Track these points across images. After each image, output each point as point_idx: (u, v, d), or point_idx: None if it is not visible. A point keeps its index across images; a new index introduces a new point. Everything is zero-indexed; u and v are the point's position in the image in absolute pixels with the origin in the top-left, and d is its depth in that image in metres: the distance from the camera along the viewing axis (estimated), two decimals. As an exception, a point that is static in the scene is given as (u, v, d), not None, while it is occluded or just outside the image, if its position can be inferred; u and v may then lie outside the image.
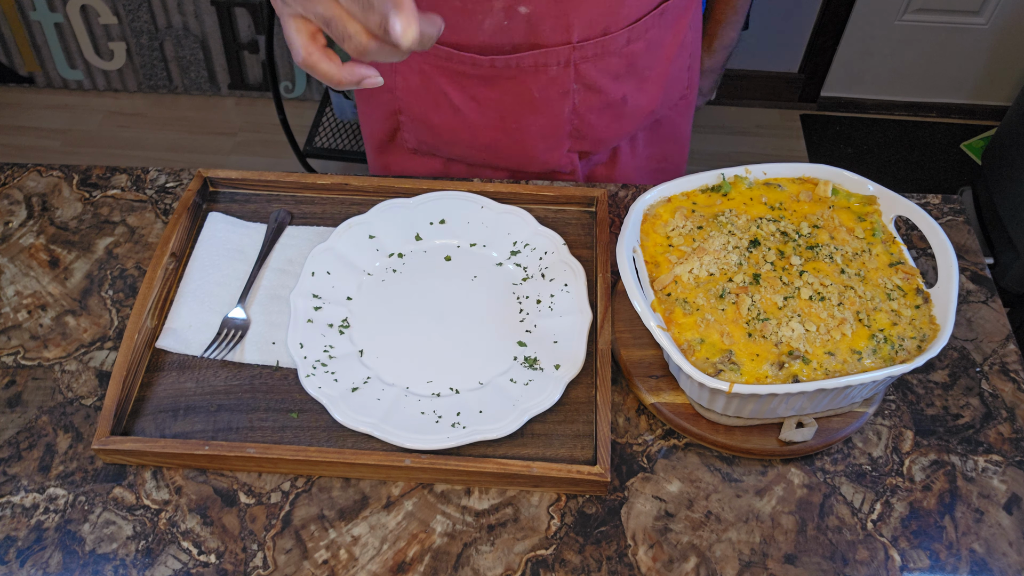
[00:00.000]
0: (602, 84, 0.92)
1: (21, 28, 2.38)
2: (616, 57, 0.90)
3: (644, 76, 0.95)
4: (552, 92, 0.91)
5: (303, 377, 0.75)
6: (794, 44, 2.37)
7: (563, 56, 0.87)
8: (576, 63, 0.89)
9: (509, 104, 0.93)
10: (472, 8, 0.82)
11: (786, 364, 0.68)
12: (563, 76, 0.90)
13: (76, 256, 0.88)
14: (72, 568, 0.69)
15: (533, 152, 0.98)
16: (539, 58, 0.87)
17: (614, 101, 0.95)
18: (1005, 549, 0.70)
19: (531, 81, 0.90)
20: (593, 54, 0.88)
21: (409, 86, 0.95)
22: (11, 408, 0.77)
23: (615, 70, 0.92)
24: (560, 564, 0.69)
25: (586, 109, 0.94)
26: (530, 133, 0.96)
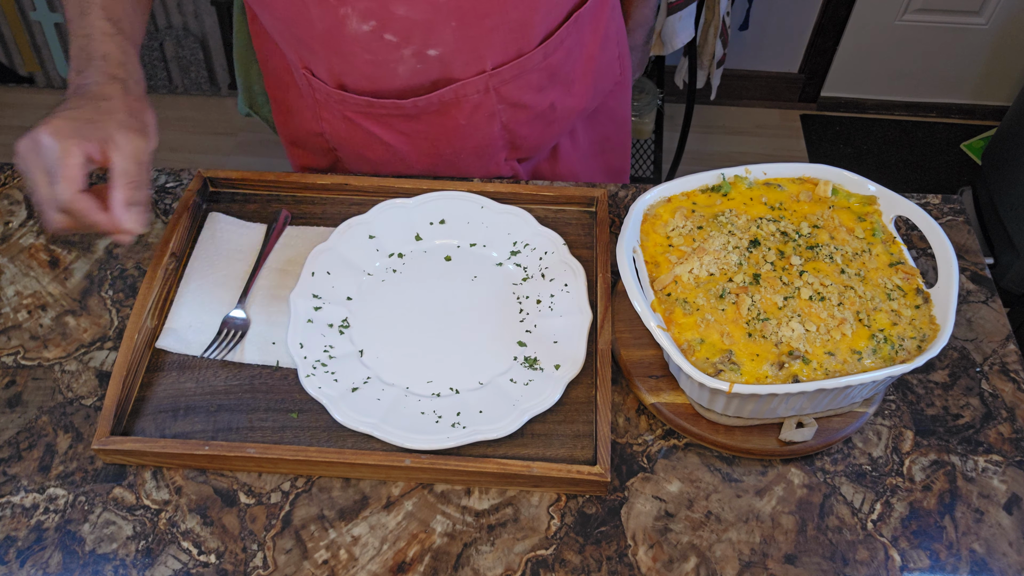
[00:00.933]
0: (526, 100, 0.92)
1: (21, 28, 2.38)
2: (536, 73, 0.90)
3: (569, 80, 0.95)
4: (478, 117, 0.91)
5: (303, 377, 0.75)
6: (794, 44, 2.37)
7: (480, 85, 0.87)
8: (496, 88, 0.88)
9: (438, 134, 0.92)
10: (383, 59, 0.82)
11: (786, 364, 0.68)
12: (486, 101, 0.89)
13: (76, 256, 0.88)
14: (72, 568, 0.69)
15: (470, 170, 0.98)
16: (458, 91, 0.87)
17: (543, 111, 0.95)
18: (1005, 549, 0.70)
19: (456, 111, 0.89)
20: (511, 76, 0.88)
21: (337, 131, 0.95)
22: (11, 408, 0.77)
23: (537, 84, 0.91)
24: (560, 564, 0.69)
25: (515, 124, 0.94)
26: (464, 154, 0.96)
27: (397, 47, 0.81)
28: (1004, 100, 2.46)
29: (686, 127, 2.11)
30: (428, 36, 0.80)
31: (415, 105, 0.87)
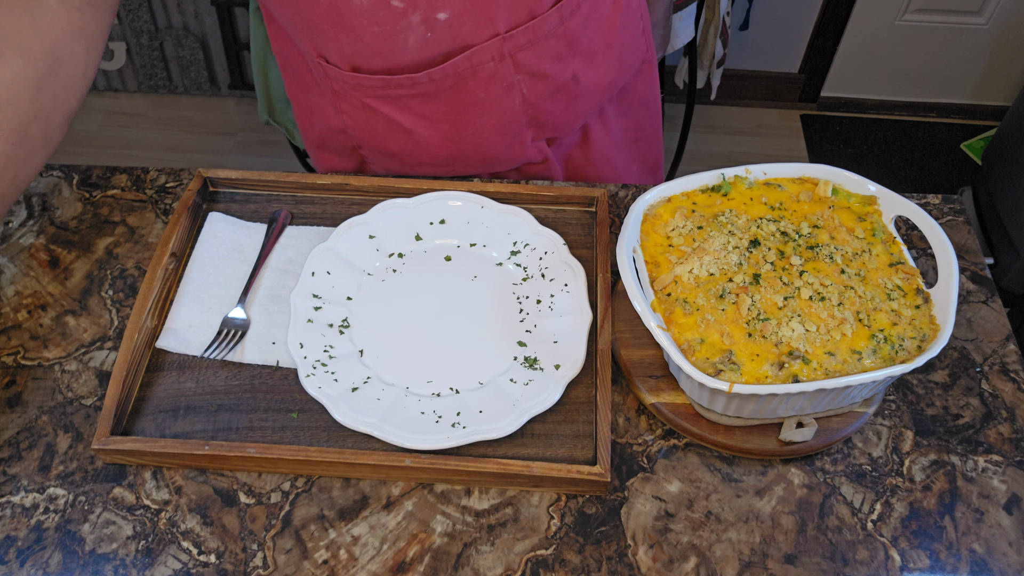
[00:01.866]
0: (545, 69, 0.89)
1: (21, 28, 2.37)
2: (552, 39, 0.87)
3: (591, 51, 0.92)
4: (496, 89, 0.88)
5: (303, 377, 0.75)
6: (794, 44, 2.37)
7: (495, 50, 0.84)
8: (511, 54, 0.86)
9: (457, 112, 0.90)
10: (391, 30, 0.81)
11: (786, 364, 0.68)
12: (502, 70, 0.87)
13: (76, 256, 0.88)
14: (72, 568, 0.69)
15: (495, 152, 0.95)
16: (472, 58, 0.84)
17: (564, 83, 0.92)
18: (1005, 549, 0.70)
19: (472, 83, 0.87)
20: (526, 41, 0.85)
21: (357, 123, 0.94)
22: (11, 408, 0.77)
23: (556, 52, 0.88)
24: (560, 564, 0.69)
25: (537, 97, 0.91)
26: (487, 134, 0.93)
27: (404, 13, 0.79)
28: (1004, 100, 2.46)
29: (686, 127, 2.11)
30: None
31: (430, 80, 0.85)
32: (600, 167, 1.07)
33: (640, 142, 1.12)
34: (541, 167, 1.01)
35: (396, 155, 0.96)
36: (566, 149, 1.04)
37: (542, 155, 0.99)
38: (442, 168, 0.97)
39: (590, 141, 1.05)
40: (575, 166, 1.06)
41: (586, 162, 1.06)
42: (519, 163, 0.99)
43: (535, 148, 0.98)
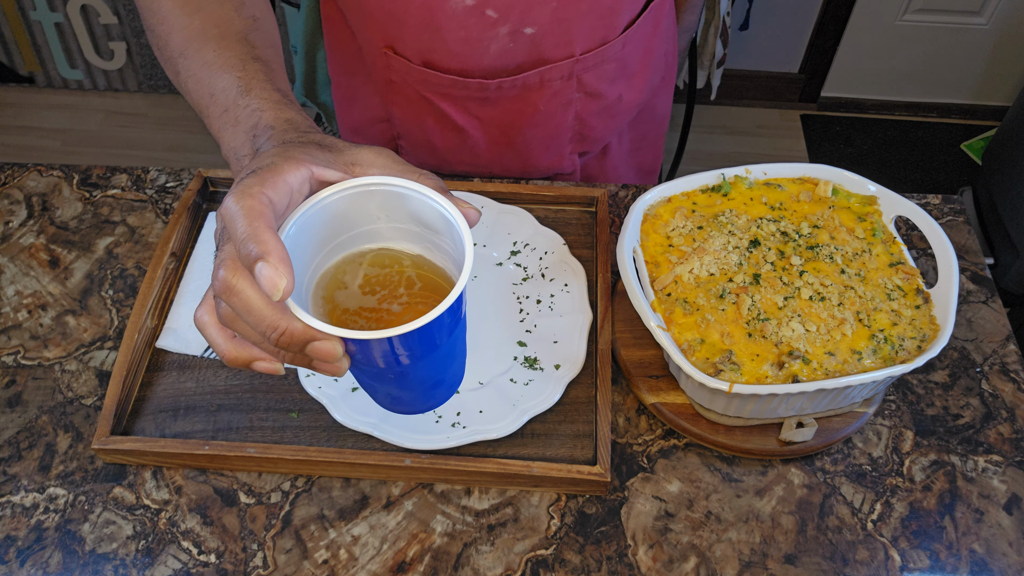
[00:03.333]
0: (601, 89, 0.93)
1: (21, 28, 2.38)
2: (613, 63, 0.92)
3: (632, 73, 0.97)
4: (555, 105, 0.92)
5: (303, 377, 0.75)
6: (794, 44, 2.37)
7: (566, 70, 0.88)
8: (578, 75, 0.90)
9: (513, 119, 0.93)
10: (477, 36, 0.83)
11: (786, 364, 0.68)
12: (566, 88, 0.90)
13: (76, 256, 0.88)
14: (72, 568, 0.69)
15: (536, 161, 0.99)
16: (544, 74, 0.88)
17: (610, 103, 0.96)
18: (1005, 549, 0.70)
19: (535, 97, 0.90)
20: (594, 64, 0.89)
21: (406, 116, 0.95)
22: (11, 408, 0.77)
23: (612, 74, 0.93)
24: (560, 564, 0.69)
25: (587, 114, 0.96)
26: (533, 144, 0.96)
27: (495, 24, 0.81)
28: (1004, 100, 2.46)
29: (686, 127, 2.10)
30: (527, 13, 0.81)
31: (499, 87, 0.88)
32: (609, 176, 1.11)
33: (641, 151, 1.15)
34: (568, 177, 1.05)
35: (438, 150, 0.98)
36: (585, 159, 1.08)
37: (573, 166, 1.03)
38: (479, 169, 0.99)
39: (608, 153, 1.08)
40: (589, 175, 1.10)
41: (600, 171, 1.09)
42: (553, 172, 1.02)
43: (571, 160, 1.02)
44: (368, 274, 0.54)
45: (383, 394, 0.58)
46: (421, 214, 0.52)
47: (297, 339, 0.47)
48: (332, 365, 0.49)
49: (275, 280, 0.45)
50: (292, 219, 0.49)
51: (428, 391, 0.57)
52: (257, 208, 0.46)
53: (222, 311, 0.50)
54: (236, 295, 0.47)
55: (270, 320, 0.47)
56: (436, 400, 0.59)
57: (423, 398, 0.58)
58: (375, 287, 0.54)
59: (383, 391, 0.57)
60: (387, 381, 0.54)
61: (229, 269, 0.47)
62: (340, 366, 0.49)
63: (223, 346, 0.51)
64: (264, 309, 0.47)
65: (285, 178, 0.48)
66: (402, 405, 0.59)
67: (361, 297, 0.53)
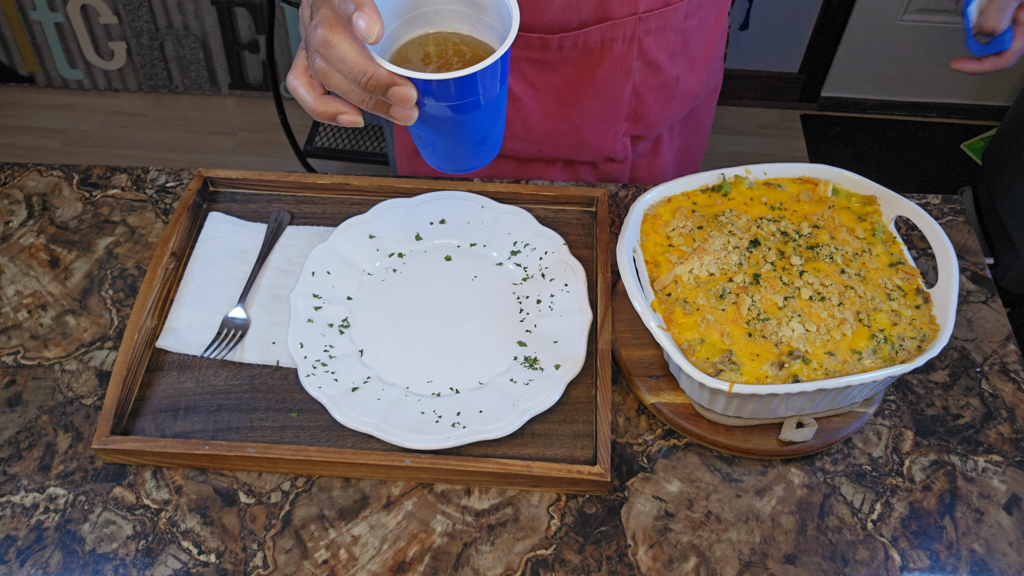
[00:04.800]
0: (661, 61, 0.92)
1: (21, 28, 2.38)
2: (674, 32, 0.91)
3: (693, 57, 0.96)
4: (615, 71, 0.91)
5: (303, 377, 0.75)
6: (794, 44, 2.37)
7: (629, 29, 0.87)
8: (640, 37, 0.89)
9: (570, 88, 0.92)
10: None
11: (786, 364, 0.68)
12: (627, 52, 0.90)
13: (76, 256, 0.88)
14: (72, 568, 0.69)
15: (589, 138, 0.98)
16: (606, 32, 0.87)
17: (669, 81, 0.96)
18: (1005, 549, 0.70)
19: (595, 61, 0.90)
20: (656, 27, 0.89)
21: None
22: (11, 408, 0.77)
23: (672, 47, 0.92)
24: (560, 564, 0.69)
25: (644, 88, 0.95)
26: (589, 117, 0.96)
27: None
28: (1004, 100, 2.46)
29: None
30: None
31: (560, 46, 0.87)
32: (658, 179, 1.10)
33: (683, 164, 1.15)
34: (619, 166, 1.03)
35: None
36: (637, 157, 1.07)
37: (625, 153, 1.02)
38: (531, 145, 0.99)
39: (659, 153, 1.07)
40: (639, 175, 1.09)
41: (648, 173, 1.09)
42: (604, 156, 1.01)
43: (622, 144, 1.01)
44: (427, 51, 0.65)
45: (440, 150, 0.68)
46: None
47: (383, 82, 0.56)
48: (406, 111, 0.58)
49: (370, 26, 0.54)
50: None
51: (477, 146, 0.67)
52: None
53: (317, 66, 0.59)
54: (332, 47, 0.56)
55: (361, 66, 0.56)
56: (483, 157, 0.69)
57: (473, 153, 0.68)
58: (434, 59, 0.64)
59: (440, 146, 0.67)
60: (445, 133, 0.64)
61: (327, 26, 0.56)
62: (412, 113, 0.59)
63: (313, 102, 0.61)
64: (356, 57, 0.56)
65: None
66: (455, 161, 0.69)
67: (423, 68, 0.64)
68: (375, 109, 0.60)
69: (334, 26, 0.56)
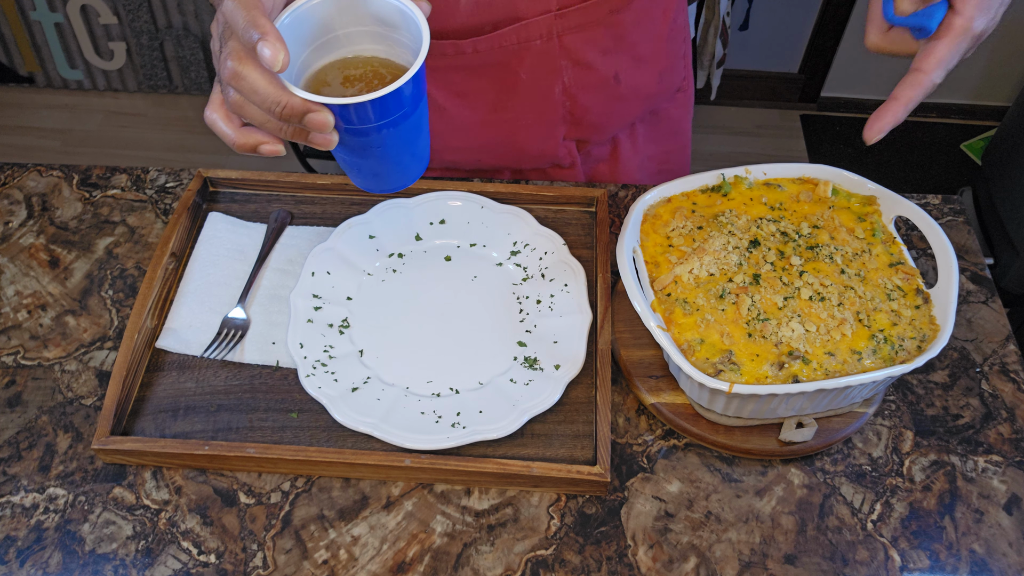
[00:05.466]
0: (591, 59, 0.89)
1: (21, 28, 2.38)
2: (602, 28, 0.87)
3: (636, 53, 0.92)
4: (540, 71, 0.88)
5: (303, 377, 0.75)
6: (794, 44, 2.37)
7: (545, 27, 0.84)
8: (560, 35, 0.85)
9: (497, 93, 0.89)
10: None
11: (786, 364, 0.68)
12: (549, 51, 0.86)
13: (76, 256, 0.88)
14: (72, 568, 0.69)
15: (526, 144, 0.95)
16: (521, 32, 0.84)
17: (606, 79, 0.92)
18: (1005, 549, 0.70)
19: (517, 62, 0.86)
20: (577, 24, 0.85)
21: None
22: (11, 408, 0.77)
23: (603, 43, 0.88)
24: (560, 564, 0.69)
25: (578, 88, 0.91)
26: (522, 122, 0.92)
27: None
28: (1004, 100, 2.46)
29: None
30: None
31: (475, 50, 0.84)
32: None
33: (664, 174, 1.11)
34: (567, 172, 1.00)
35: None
36: (594, 162, 1.04)
37: (571, 158, 0.99)
38: (469, 155, 0.96)
39: (618, 158, 1.04)
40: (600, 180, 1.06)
41: (611, 179, 1.06)
42: (548, 162, 0.98)
43: (565, 148, 0.97)
44: (347, 74, 0.65)
45: (367, 172, 0.67)
46: (382, 13, 0.63)
47: (297, 110, 0.56)
48: (324, 136, 0.58)
49: (275, 54, 0.53)
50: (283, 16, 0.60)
51: (401, 164, 0.67)
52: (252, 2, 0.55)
53: (231, 99, 0.58)
54: (243, 79, 0.56)
55: (274, 96, 0.56)
56: (410, 175, 0.69)
57: (398, 171, 0.68)
58: (354, 82, 0.64)
59: (366, 168, 0.66)
60: (369, 155, 0.64)
61: (235, 58, 0.56)
62: (331, 138, 0.58)
63: (232, 135, 0.60)
64: (268, 87, 0.56)
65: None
66: (382, 180, 0.69)
67: (343, 91, 0.64)
68: (294, 137, 0.59)
69: (242, 58, 0.56)
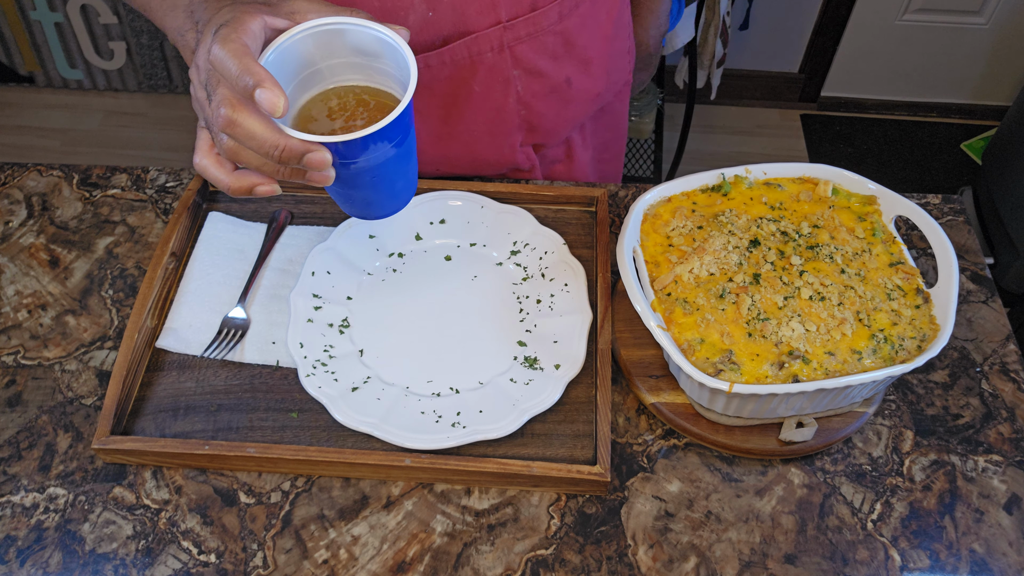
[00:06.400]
0: (542, 66, 0.89)
1: (21, 28, 2.38)
2: (551, 35, 0.87)
3: (585, 57, 0.93)
4: (492, 83, 0.88)
5: (303, 377, 0.75)
6: (794, 44, 2.37)
7: (495, 40, 0.84)
8: (510, 45, 0.85)
9: (450, 106, 0.89)
10: (392, 6, 0.79)
11: (786, 364, 0.68)
12: (500, 62, 0.86)
13: (76, 256, 0.88)
14: (72, 568, 0.69)
15: (484, 153, 0.95)
16: (471, 46, 0.84)
17: (558, 85, 0.92)
18: (1005, 549, 0.70)
19: (468, 76, 0.86)
20: (526, 33, 0.85)
21: None
22: (11, 408, 0.77)
23: (552, 50, 0.89)
24: (560, 564, 0.69)
25: (531, 96, 0.91)
26: (477, 133, 0.92)
27: None
28: (1004, 100, 2.46)
29: (686, 127, 2.11)
30: None
31: (427, 66, 0.84)
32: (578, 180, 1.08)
33: (602, 162, 1.12)
34: (527, 175, 1.01)
35: None
36: (550, 164, 1.04)
37: (530, 162, 0.99)
38: (429, 166, 0.96)
39: (573, 157, 1.05)
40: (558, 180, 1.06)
41: (568, 178, 1.06)
42: (507, 168, 0.98)
43: (523, 153, 0.98)
44: (331, 106, 0.66)
45: (359, 202, 0.69)
46: (361, 44, 0.63)
47: (296, 152, 0.56)
48: (323, 173, 0.59)
49: (274, 100, 0.54)
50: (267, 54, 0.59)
51: (394, 192, 0.69)
52: (241, 49, 0.55)
53: (225, 145, 0.58)
54: (238, 126, 0.56)
55: (272, 140, 0.56)
56: (401, 201, 0.71)
57: (390, 198, 0.70)
58: (339, 114, 0.65)
59: (359, 198, 0.68)
60: (362, 186, 0.65)
61: (228, 106, 0.56)
62: (329, 174, 0.59)
63: (225, 180, 0.61)
64: (265, 132, 0.56)
65: (249, 26, 0.57)
66: (374, 208, 0.70)
67: (331, 123, 0.64)
68: (291, 177, 0.60)
69: (236, 105, 0.56)
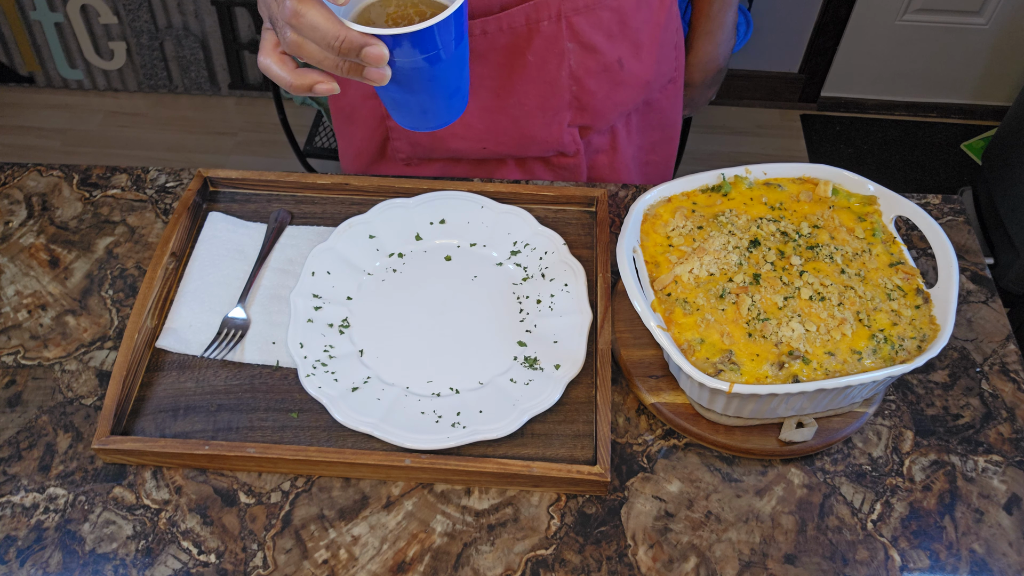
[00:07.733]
0: (596, 42, 0.90)
1: (21, 28, 2.38)
2: (608, 11, 0.89)
3: (637, 40, 0.94)
4: (547, 54, 0.89)
5: (303, 377, 0.75)
6: (794, 44, 2.37)
7: (554, 8, 0.86)
8: (567, 16, 0.87)
9: (503, 78, 0.90)
10: None
11: (786, 364, 0.68)
12: (556, 33, 0.88)
13: (76, 256, 0.88)
14: (72, 568, 0.69)
15: (532, 130, 0.95)
16: (530, 12, 0.85)
17: (610, 64, 0.93)
18: (1005, 549, 0.70)
19: (523, 44, 0.88)
20: (584, 5, 0.87)
21: None
22: (11, 408, 0.77)
23: (607, 26, 0.90)
24: (560, 564, 0.69)
25: (583, 72, 0.92)
26: (528, 107, 0.93)
27: None
28: (1004, 100, 2.46)
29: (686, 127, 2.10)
30: None
31: (483, 32, 0.86)
32: (621, 176, 1.08)
33: (650, 164, 1.12)
34: (572, 160, 1.01)
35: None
36: (594, 152, 1.04)
37: (575, 145, 0.99)
38: (475, 144, 0.96)
39: (617, 148, 1.05)
40: (599, 173, 1.06)
41: (611, 170, 1.06)
42: (553, 149, 0.98)
43: (570, 135, 0.98)
44: (389, 11, 0.67)
45: (415, 108, 0.69)
46: None
47: (355, 44, 0.59)
48: (379, 70, 0.61)
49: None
50: None
51: (448, 99, 0.69)
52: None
53: (289, 39, 0.61)
54: (303, 16, 0.59)
55: (333, 31, 0.59)
56: (454, 111, 0.71)
57: (445, 107, 0.70)
58: (396, 20, 0.66)
59: (415, 104, 0.69)
60: (418, 89, 0.66)
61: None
62: (385, 72, 0.61)
63: (288, 77, 0.64)
64: (327, 23, 0.59)
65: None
66: (429, 116, 0.71)
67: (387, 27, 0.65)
68: (349, 73, 0.62)
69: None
